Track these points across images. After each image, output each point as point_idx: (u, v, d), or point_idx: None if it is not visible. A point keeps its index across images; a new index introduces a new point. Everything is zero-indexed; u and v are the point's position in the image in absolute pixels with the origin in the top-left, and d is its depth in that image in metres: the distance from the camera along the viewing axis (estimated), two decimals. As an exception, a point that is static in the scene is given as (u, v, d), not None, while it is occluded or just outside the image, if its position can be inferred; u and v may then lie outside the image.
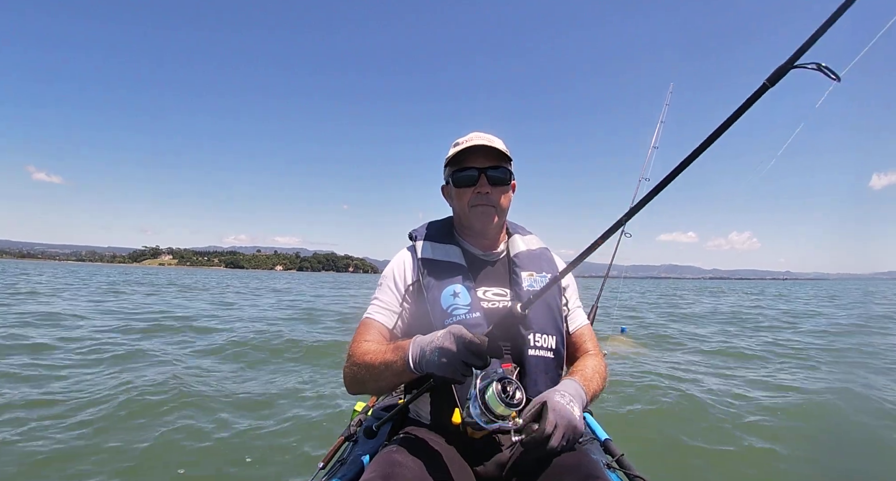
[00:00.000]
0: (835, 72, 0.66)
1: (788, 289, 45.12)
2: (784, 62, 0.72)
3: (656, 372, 5.02)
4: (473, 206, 1.32)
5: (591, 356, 1.35)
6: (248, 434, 3.13)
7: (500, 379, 0.99)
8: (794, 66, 0.71)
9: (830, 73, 0.66)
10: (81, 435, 2.92)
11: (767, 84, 0.74)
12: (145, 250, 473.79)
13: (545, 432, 0.99)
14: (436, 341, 1.02)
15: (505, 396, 0.97)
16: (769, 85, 0.74)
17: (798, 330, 9.49)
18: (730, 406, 3.90)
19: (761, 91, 0.76)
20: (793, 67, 0.71)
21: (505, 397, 0.97)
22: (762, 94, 0.76)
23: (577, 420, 1.05)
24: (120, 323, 8.00)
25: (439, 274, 1.30)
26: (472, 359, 0.97)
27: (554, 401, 1.05)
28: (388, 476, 0.98)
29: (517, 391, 0.99)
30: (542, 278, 1.34)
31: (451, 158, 1.33)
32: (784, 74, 0.72)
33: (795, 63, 0.70)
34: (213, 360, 5.38)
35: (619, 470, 1.26)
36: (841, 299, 22.72)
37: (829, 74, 0.66)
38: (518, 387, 0.99)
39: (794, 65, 0.70)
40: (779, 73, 0.73)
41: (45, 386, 3.91)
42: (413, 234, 1.44)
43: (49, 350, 5.43)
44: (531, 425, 1.02)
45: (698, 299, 22.19)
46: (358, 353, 1.19)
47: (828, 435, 3.44)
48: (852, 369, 5.56)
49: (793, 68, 0.71)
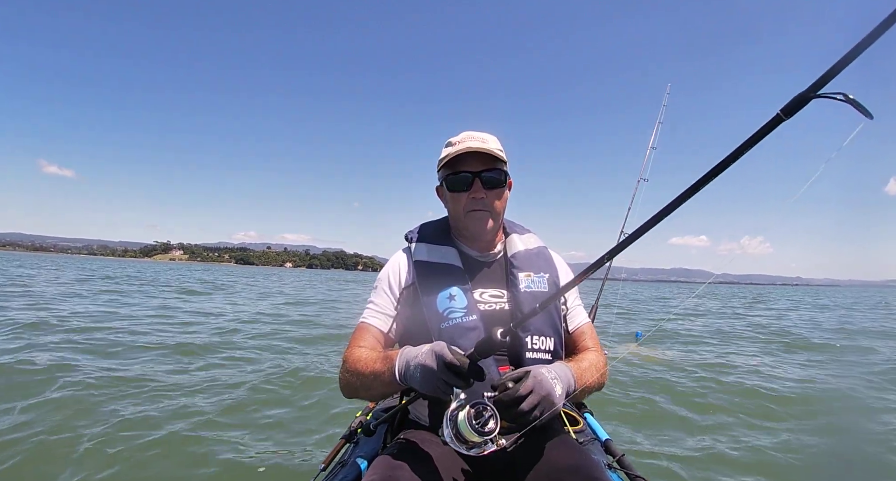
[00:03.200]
0: (865, 107, 0.55)
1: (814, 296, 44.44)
2: (804, 90, 0.60)
3: (659, 373, 5.03)
4: (468, 211, 1.29)
5: (591, 351, 1.33)
6: (250, 435, 3.12)
7: (474, 405, 0.95)
8: (816, 96, 0.59)
9: (861, 108, 0.55)
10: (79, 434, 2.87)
11: (782, 116, 0.63)
12: (156, 245, 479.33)
13: (518, 392, 0.97)
14: (419, 357, 1.02)
15: (476, 423, 0.92)
16: (784, 117, 0.63)
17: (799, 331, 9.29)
18: (733, 408, 3.92)
19: (775, 123, 0.64)
20: (815, 97, 0.59)
21: (476, 424, 0.92)
22: (776, 125, 0.65)
23: (555, 395, 1.03)
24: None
25: (435, 276, 1.28)
26: (451, 379, 0.96)
27: (538, 371, 1.04)
28: (388, 478, 0.98)
29: (491, 419, 0.93)
30: (539, 278, 1.32)
31: (445, 161, 1.29)
32: (804, 105, 0.61)
33: (818, 92, 0.59)
34: (213, 359, 5.35)
35: (620, 471, 1.26)
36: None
37: (860, 109, 0.55)
38: (493, 416, 0.94)
39: (817, 94, 0.59)
40: (797, 104, 0.61)
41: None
42: (409, 236, 1.42)
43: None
44: (508, 383, 1.00)
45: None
46: (351, 360, 1.19)
47: (836, 441, 3.41)
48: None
49: (815, 98, 0.59)
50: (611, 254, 0.89)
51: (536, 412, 0.99)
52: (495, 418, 0.94)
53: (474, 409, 0.94)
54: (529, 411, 0.97)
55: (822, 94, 0.58)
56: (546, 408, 1.01)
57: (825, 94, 0.58)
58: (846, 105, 0.57)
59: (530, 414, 0.98)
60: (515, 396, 0.97)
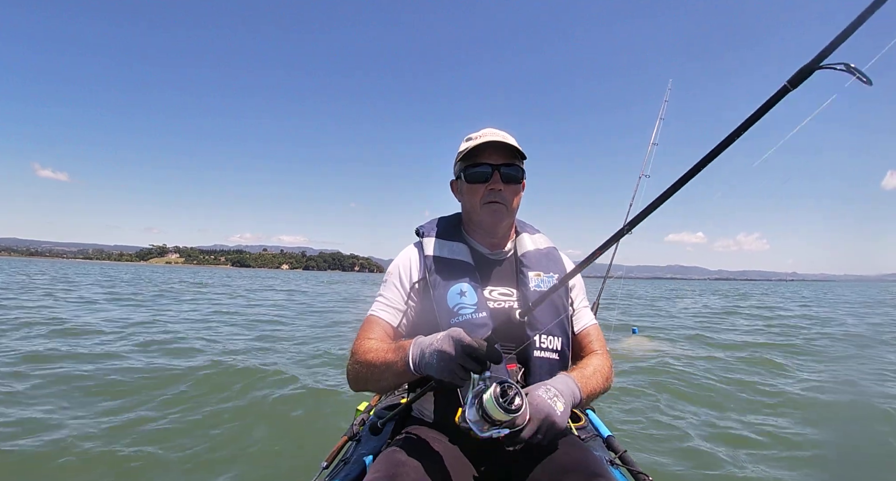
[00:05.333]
0: (866, 74, 0.60)
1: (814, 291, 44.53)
2: (808, 62, 0.65)
3: (661, 370, 5.04)
4: (485, 204, 1.30)
5: (596, 355, 1.33)
6: (251, 432, 3.12)
7: (501, 383, 0.95)
8: (819, 67, 0.65)
9: (861, 75, 0.60)
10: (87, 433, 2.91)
11: (789, 86, 0.68)
12: (152, 249, 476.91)
13: (515, 424, 0.96)
14: (435, 344, 1.01)
15: (503, 400, 0.92)
16: (790, 87, 0.68)
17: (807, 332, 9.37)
18: (735, 404, 3.92)
19: (782, 93, 0.70)
20: (819, 68, 0.65)
21: (503, 402, 0.92)
22: (783, 96, 0.70)
23: (556, 415, 1.02)
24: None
25: (446, 272, 1.28)
26: (469, 363, 0.95)
27: (534, 395, 1.03)
28: (392, 476, 0.97)
29: (517, 397, 0.94)
30: (549, 278, 1.32)
31: (464, 153, 1.30)
32: (808, 75, 0.66)
33: (822, 63, 0.64)
34: (212, 359, 5.36)
35: (623, 467, 1.26)
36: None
37: (861, 77, 0.60)
38: (518, 393, 0.95)
39: (821, 65, 0.64)
40: (802, 74, 0.67)
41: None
42: (420, 230, 1.42)
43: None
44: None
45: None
46: (361, 351, 1.18)
47: (839, 438, 3.40)
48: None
49: (819, 69, 0.65)
50: (625, 230, 0.90)
51: (539, 436, 1.00)
52: (520, 395, 0.95)
53: (500, 387, 0.94)
54: (531, 437, 0.99)
55: (826, 65, 0.64)
56: (547, 431, 1.01)
57: (828, 66, 0.64)
58: (846, 75, 0.63)
59: (533, 438, 0.99)
60: (513, 431, 0.97)
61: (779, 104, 0.71)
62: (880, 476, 2.78)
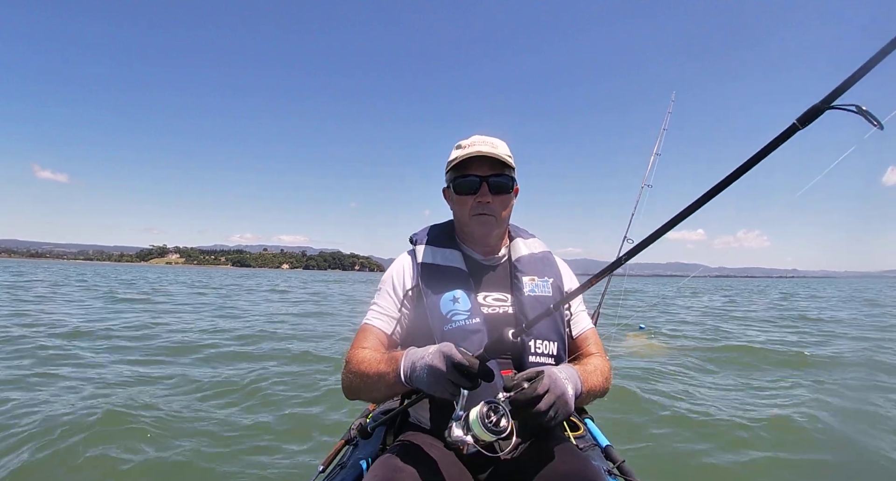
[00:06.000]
0: (877, 118, 0.59)
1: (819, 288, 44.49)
2: (818, 102, 0.64)
3: (661, 377, 4.99)
4: (474, 216, 1.29)
5: (595, 356, 1.33)
6: (247, 436, 3.12)
7: (488, 403, 0.94)
8: (830, 107, 0.63)
9: (872, 119, 0.59)
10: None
11: (798, 125, 0.67)
12: (153, 249, 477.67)
13: (535, 391, 0.96)
14: (426, 358, 1.00)
15: (488, 421, 0.92)
16: (799, 126, 0.67)
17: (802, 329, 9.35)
18: (735, 412, 3.86)
19: (790, 132, 0.68)
20: (829, 108, 0.63)
21: (488, 422, 0.92)
22: (791, 134, 0.69)
23: (569, 396, 1.04)
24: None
25: (439, 279, 1.28)
26: (460, 380, 0.95)
27: (551, 371, 1.04)
28: (388, 480, 0.98)
29: (503, 418, 0.93)
30: (543, 283, 1.32)
31: (453, 164, 1.29)
32: (818, 115, 0.65)
33: (832, 104, 0.63)
34: (211, 358, 5.39)
35: (620, 477, 1.26)
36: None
37: (871, 120, 0.59)
38: (505, 414, 0.94)
39: (831, 106, 0.63)
40: (812, 114, 0.65)
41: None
42: (413, 238, 1.42)
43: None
44: (523, 383, 0.99)
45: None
46: (354, 361, 1.18)
47: (839, 446, 3.34)
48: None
49: (829, 109, 0.63)
50: (619, 261, 0.91)
51: (552, 412, 0.98)
52: (507, 417, 0.94)
53: (487, 407, 0.93)
54: (546, 411, 0.97)
55: (836, 106, 0.62)
56: (560, 409, 1.01)
57: (839, 106, 0.62)
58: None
59: (546, 414, 0.97)
60: (532, 395, 0.96)
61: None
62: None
